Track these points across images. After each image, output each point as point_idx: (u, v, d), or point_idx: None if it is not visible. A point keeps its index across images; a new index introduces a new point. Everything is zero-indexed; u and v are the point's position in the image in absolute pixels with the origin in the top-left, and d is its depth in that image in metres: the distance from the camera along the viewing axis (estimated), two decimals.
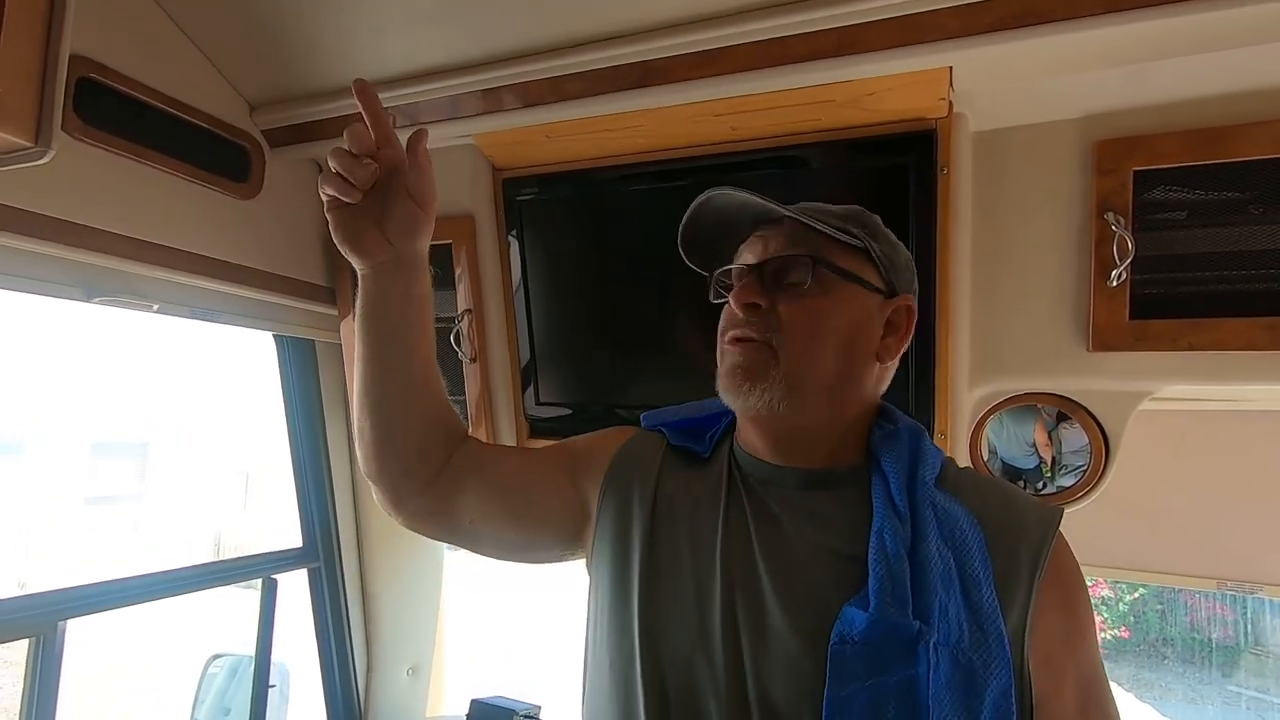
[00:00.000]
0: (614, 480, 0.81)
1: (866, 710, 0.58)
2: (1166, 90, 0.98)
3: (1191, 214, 1.00)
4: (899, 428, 0.75)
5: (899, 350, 0.76)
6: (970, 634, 0.60)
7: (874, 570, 0.63)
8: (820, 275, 0.71)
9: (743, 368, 0.71)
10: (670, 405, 0.89)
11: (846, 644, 0.60)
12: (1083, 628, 0.66)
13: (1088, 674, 0.65)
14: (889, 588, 0.61)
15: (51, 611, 1.18)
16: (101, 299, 1.15)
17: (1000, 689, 0.58)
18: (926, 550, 0.64)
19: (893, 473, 0.69)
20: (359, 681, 1.76)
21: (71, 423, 8.37)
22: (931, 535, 0.65)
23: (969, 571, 0.63)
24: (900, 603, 0.61)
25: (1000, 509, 0.69)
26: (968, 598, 0.62)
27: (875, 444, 0.73)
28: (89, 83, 1.05)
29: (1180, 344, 1.00)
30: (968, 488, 0.72)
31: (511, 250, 1.35)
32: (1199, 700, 6.71)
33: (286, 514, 1.73)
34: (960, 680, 0.58)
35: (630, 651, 0.70)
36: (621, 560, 0.76)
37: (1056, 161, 1.07)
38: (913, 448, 0.72)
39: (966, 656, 0.59)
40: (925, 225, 1.07)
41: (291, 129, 1.32)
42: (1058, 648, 0.64)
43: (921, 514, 0.66)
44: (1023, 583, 0.64)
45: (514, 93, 1.15)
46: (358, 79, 0.75)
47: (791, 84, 1.01)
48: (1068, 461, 1.23)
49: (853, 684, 0.59)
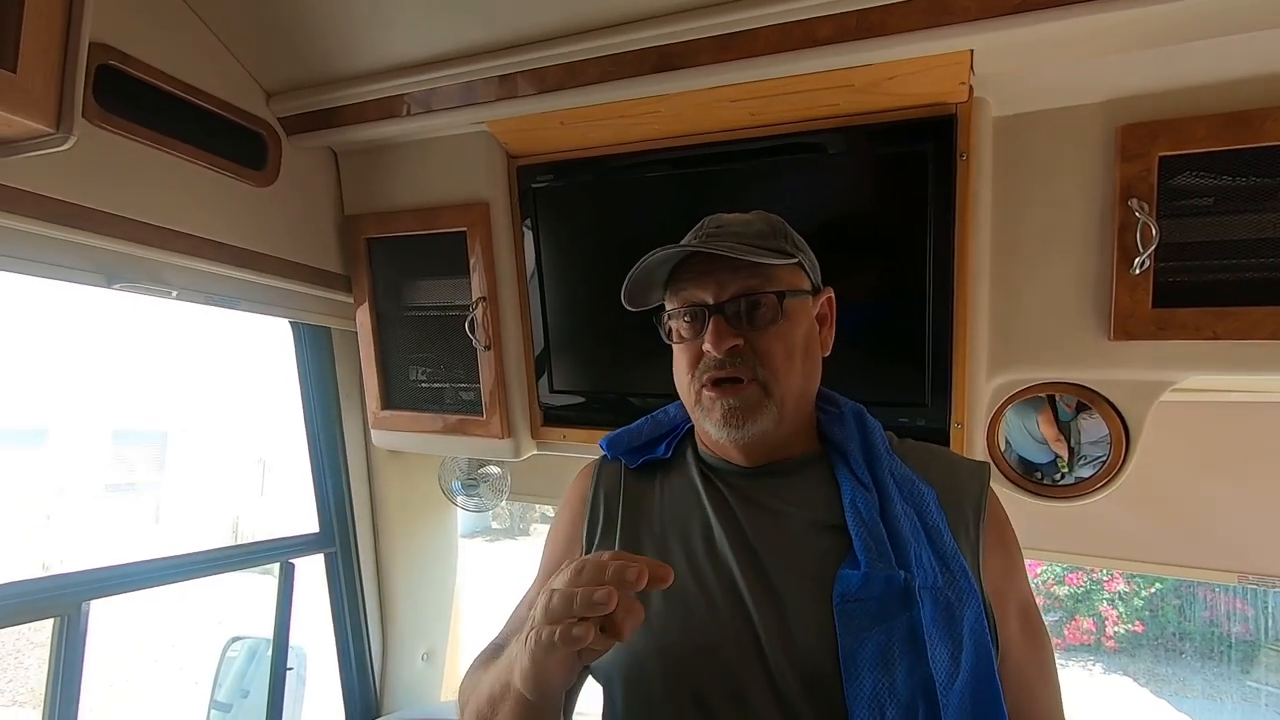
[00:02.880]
0: (595, 528, 0.85)
1: (877, 653, 0.65)
2: (1194, 73, 0.96)
3: (1218, 200, 0.98)
4: (843, 411, 0.85)
5: (832, 338, 0.86)
6: (942, 575, 0.70)
7: (855, 534, 0.71)
8: (784, 305, 0.77)
9: (740, 409, 0.76)
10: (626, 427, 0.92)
11: (849, 601, 0.68)
12: (1016, 562, 0.78)
13: (1023, 598, 0.76)
14: (872, 547, 0.70)
15: (76, 592, 1.21)
16: (122, 285, 1.16)
17: (974, 617, 0.68)
18: (894, 510, 0.73)
19: (850, 450, 0.79)
20: (374, 665, 1.79)
21: (92, 411, 8.50)
22: (896, 498, 0.75)
23: (930, 523, 0.74)
24: (884, 558, 0.70)
25: (940, 469, 0.80)
26: (934, 545, 0.72)
27: (825, 427, 0.84)
28: (108, 70, 1.06)
29: (1205, 333, 0.99)
30: (910, 454, 0.82)
31: (526, 238, 1.35)
32: (1217, 696, 6.65)
33: (303, 500, 1.75)
34: (942, 616, 0.68)
35: (640, 650, 0.71)
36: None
37: (1079, 147, 1.05)
38: (860, 426, 0.83)
39: (944, 595, 0.69)
40: (944, 213, 1.06)
41: (307, 116, 1.32)
42: (1001, 581, 0.75)
43: (883, 481, 0.76)
44: (970, 530, 0.75)
45: (530, 79, 1.15)
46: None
47: (812, 68, 1.00)
48: (1086, 452, 1.21)
49: (862, 634, 0.66)
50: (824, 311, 0.85)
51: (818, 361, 0.83)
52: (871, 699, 0.64)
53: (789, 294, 0.78)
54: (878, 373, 1.13)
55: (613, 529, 0.83)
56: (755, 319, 0.77)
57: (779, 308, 0.77)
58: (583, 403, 1.38)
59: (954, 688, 0.66)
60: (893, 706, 0.64)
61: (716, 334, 0.75)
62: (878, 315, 1.12)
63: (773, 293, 0.77)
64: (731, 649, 0.69)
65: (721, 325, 0.76)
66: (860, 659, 0.65)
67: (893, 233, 1.10)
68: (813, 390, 0.83)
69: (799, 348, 0.78)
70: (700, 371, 0.78)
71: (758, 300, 0.77)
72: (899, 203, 1.09)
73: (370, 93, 1.26)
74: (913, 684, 0.64)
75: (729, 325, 0.76)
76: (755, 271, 0.77)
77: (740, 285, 0.77)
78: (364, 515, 1.75)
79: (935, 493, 0.76)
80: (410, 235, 1.41)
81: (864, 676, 0.65)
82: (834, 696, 0.65)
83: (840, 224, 1.12)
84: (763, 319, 0.77)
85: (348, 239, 1.47)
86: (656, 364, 1.31)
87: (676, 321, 0.81)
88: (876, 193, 1.11)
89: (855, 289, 0.89)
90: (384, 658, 1.80)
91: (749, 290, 0.77)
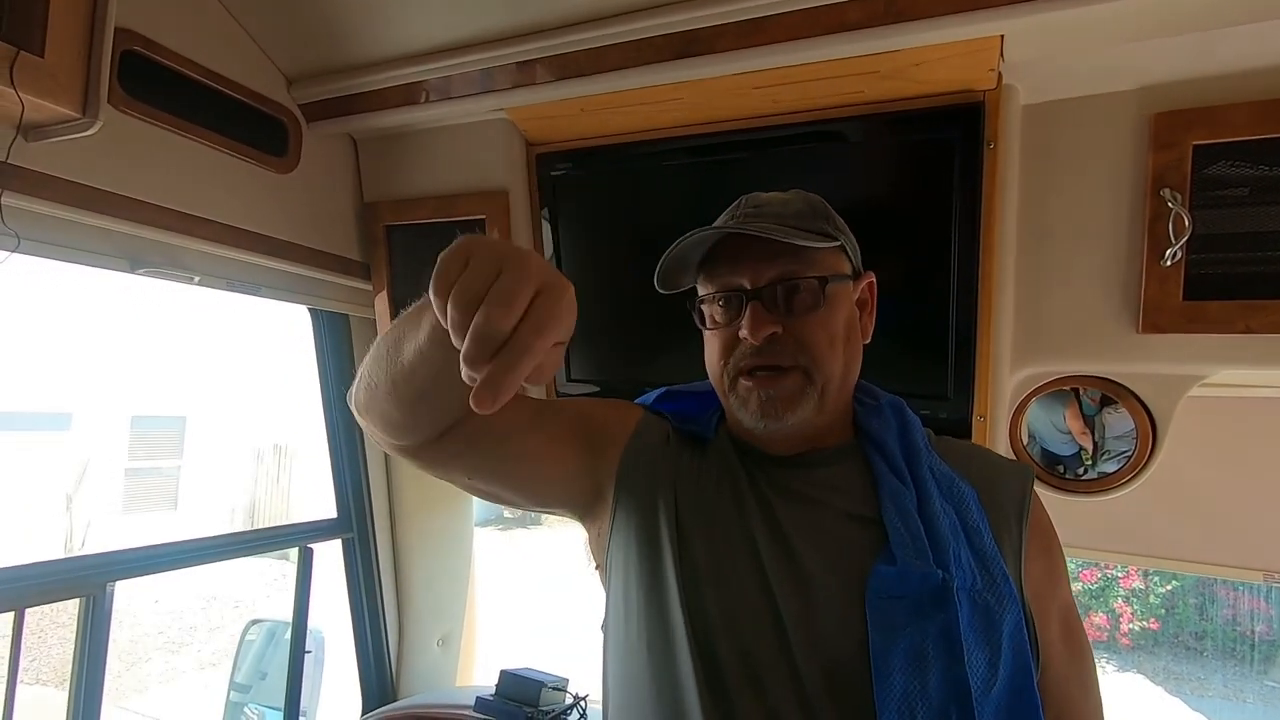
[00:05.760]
0: (631, 474, 0.80)
1: (909, 654, 0.63)
2: (1232, 59, 0.93)
3: (1254, 190, 0.96)
4: (880, 403, 0.83)
5: (872, 325, 0.83)
6: (981, 577, 0.67)
7: (892, 529, 0.68)
8: (826, 290, 0.74)
9: (782, 399, 0.73)
10: (669, 389, 0.91)
11: (885, 599, 0.65)
12: (1060, 568, 0.75)
13: (1066, 607, 0.74)
14: (909, 542, 0.67)
15: (101, 573, 1.23)
16: (145, 270, 1.17)
17: (1014, 622, 0.66)
18: (932, 508, 0.70)
19: (887, 443, 0.76)
20: (391, 650, 1.80)
21: (113, 397, 8.63)
22: (934, 494, 0.72)
23: (970, 523, 0.71)
24: (921, 555, 0.66)
25: (981, 469, 0.77)
26: (973, 546, 0.69)
27: (862, 419, 0.81)
28: (133, 55, 1.07)
29: (1237, 326, 0.96)
30: (950, 452, 0.79)
31: (545, 227, 1.35)
32: (1234, 697, 6.58)
33: (322, 486, 1.77)
34: (980, 619, 0.65)
35: (671, 631, 0.70)
36: (650, 553, 0.75)
37: (1110, 135, 1.03)
38: (899, 419, 0.80)
39: (982, 597, 0.66)
40: (969, 202, 1.04)
41: (328, 103, 1.33)
42: (1043, 586, 0.72)
43: (922, 476, 0.73)
44: (1012, 532, 0.72)
45: (550, 65, 1.14)
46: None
47: (839, 54, 0.98)
48: (1111, 447, 1.19)
49: (895, 633, 0.64)
50: (864, 297, 0.82)
51: (859, 349, 0.80)
52: (902, 701, 0.61)
53: (832, 279, 0.75)
54: (900, 364, 1.12)
55: (653, 477, 0.78)
56: (794, 305, 0.74)
57: (821, 294, 0.74)
58: (600, 392, 1.37)
59: (990, 695, 0.63)
60: (924, 710, 0.61)
61: (754, 320, 0.72)
62: (901, 306, 1.10)
63: (814, 278, 0.74)
64: (753, 635, 0.67)
65: (759, 311, 0.73)
66: (892, 659, 0.62)
67: (917, 222, 1.08)
68: (853, 379, 0.80)
69: (841, 335, 0.75)
70: (736, 359, 0.75)
71: (797, 285, 0.73)
72: (924, 192, 1.07)
73: (390, 79, 1.26)
74: (946, 688, 0.62)
75: (766, 311, 0.73)
76: (795, 255, 0.73)
77: (779, 269, 0.73)
78: (381, 501, 1.77)
79: (976, 492, 0.73)
80: (429, 223, 1.41)
81: (895, 677, 0.62)
82: (859, 694, 0.62)
83: (864, 213, 1.09)
84: (802, 305, 0.74)
85: (367, 226, 1.47)
86: (675, 354, 1.31)
87: (710, 306, 0.78)
88: (901, 182, 1.10)
89: (879, 279, 0.87)
90: (400, 642, 1.82)
91: (789, 275, 0.73)
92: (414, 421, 0.69)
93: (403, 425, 0.69)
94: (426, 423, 0.69)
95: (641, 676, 0.72)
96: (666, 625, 0.70)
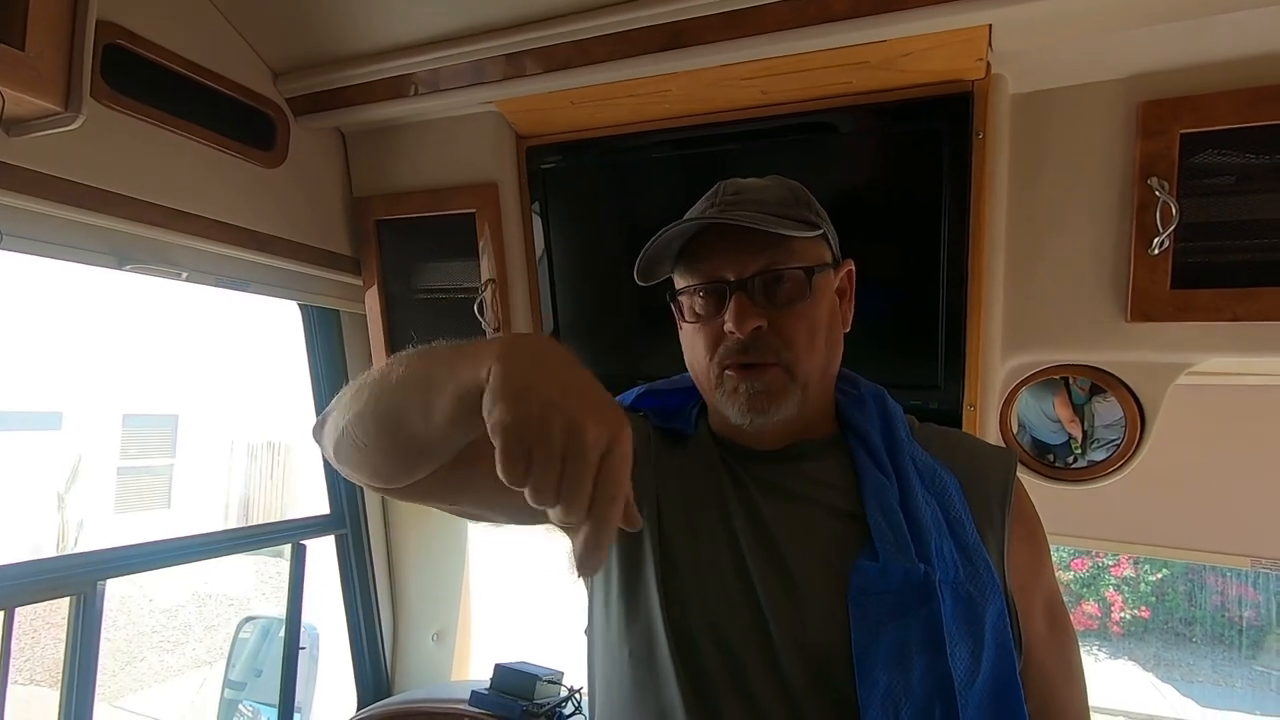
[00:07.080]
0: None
1: (892, 650, 0.62)
2: (1219, 48, 0.93)
3: (1241, 179, 0.96)
4: (862, 392, 0.81)
5: (851, 313, 0.82)
6: (964, 568, 0.66)
7: (874, 524, 0.68)
8: (812, 281, 0.73)
9: (765, 394, 0.72)
10: (649, 387, 0.90)
11: (867, 595, 0.64)
12: (1044, 556, 0.74)
13: (1050, 594, 0.73)
14: (891, 538, 0.66)
15: (92, 571, 1.22)
16: (133, 266, 1.16)
17: (996, 612, 0.65)
18: (915, 500, 0.69)
19: (870, 435, 0.75)
20: (385, 645, 1.81)
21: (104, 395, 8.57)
22: (917, 486, 0.70)
23: (952, 514, 0.70)
24: (903, 549, 0.66)
25: (964, 456, 0.76)
26: (955, 537, 0.68)
27: (845, 410, 0.79)
28: (116, 49, 1.05)
29: (1225, 314, 0.97)
30: (932, 440, 0.78)
31: (535, 219, 1.34)
32: (1223, 682, 6.66)
33: (314, 483, 1.76)
34: (962, 611, 0.64)
35: (653, 632, 0.69)
36: (632, 558, 0.74)
37: (1098, 124, 1.03)
38: (880, 409, 0.79)
39: (965, 589, 0.65)
40: (958, 192, 1.04)
41: (315, 96, 1.32)
42: (1027, 575, 0.71)
43: (904, 468, 0.72)
44: (995, 520, 0.71)
45: (538, 57, 1.13)
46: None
47: (826, 44, 0.98)
48: (1100, 435, 1.20)
49: (878, 629, 0.63)
50: (844, 285, 0.80)
51: (839, 339, 0.78)
52: (885, 698, 0.61)
53: (817, 269, 0.73)
54: (890, 354, 1.12)
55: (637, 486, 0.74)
56: (777, 296, 0.72)
57: (807, 284, 0.72)
58: None
59: (974, 687, 0.62)
60: (908, 706, 0.60)
61: (739, 313, 0.70)
62: (891, 296, 1.11)
63: (799, 268, 0.72)
64: (738, 633, 0.66)
65: (744, 304, 0.70)
66: (875, 656, 0.62)
67: (906, 213, 1.08)
68: (834, 370, 0.79)
69: (822, 326, 0.74)
70: (721, 355, 0.73)
71: (781, 275, 0.72)
72: (913, 182, 1.07)
73: (378, 72, 1.25)
74: (929, 683, 0.61)
75: (752, 303, 0.71)
76: (779, 245, 0.71)
77: (765, 260, 0.71)
78: (374, 497, 1.76)
79: (958, 481, 0.72)
80: (419, 217, 1.40)
81: (878, 673, 0.61)
82: (843, 692, 0.62)
83: (853, 203, 1.10)
84: (786, 296, 0.72)
85: (356, 221, 1.47)
86: (667, 347, 1.30)
87: (690, 298, 0.75)
88: (890, 172, 1.10)
89: (868, 269, 0.87)
90: (395, 638, 1.82)
91: (773, 265, 0.71)
92: (408, 473, 0.66)
93: (393, 476, 0.67)
94: (422, 472, 0.66)
95: (625, 678, 0.71)
96: (649, 626, 0.70)
